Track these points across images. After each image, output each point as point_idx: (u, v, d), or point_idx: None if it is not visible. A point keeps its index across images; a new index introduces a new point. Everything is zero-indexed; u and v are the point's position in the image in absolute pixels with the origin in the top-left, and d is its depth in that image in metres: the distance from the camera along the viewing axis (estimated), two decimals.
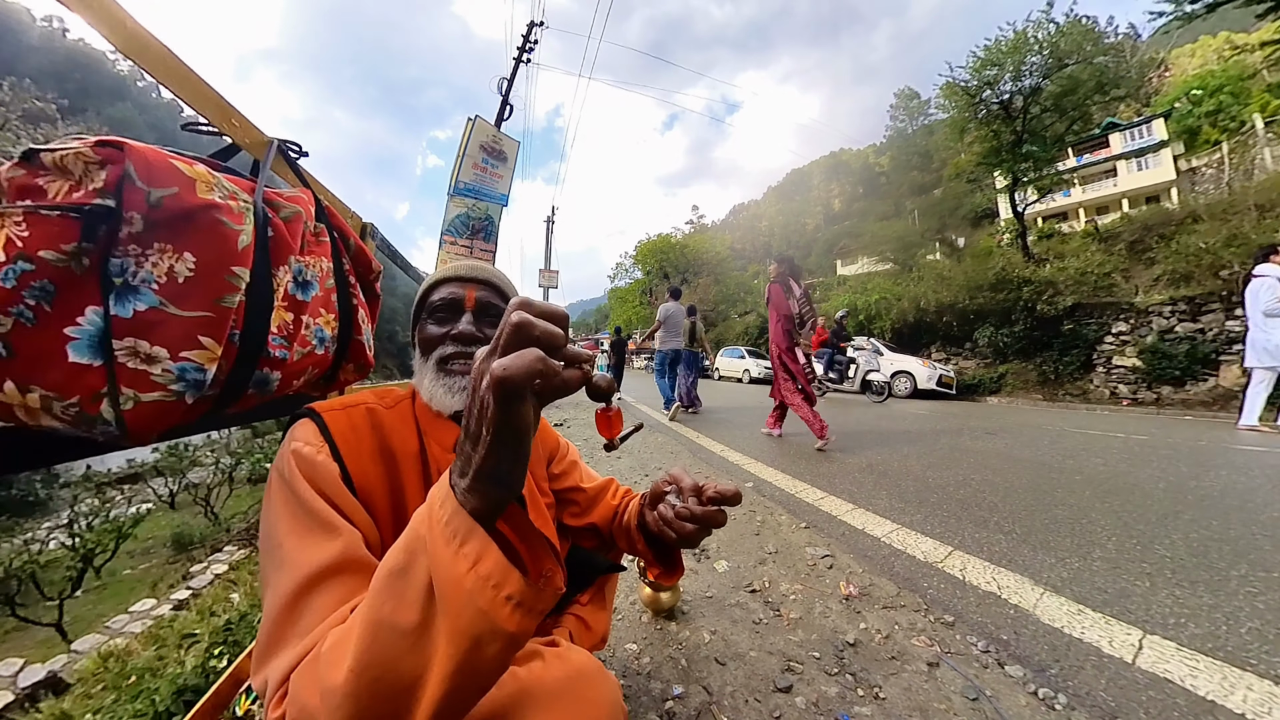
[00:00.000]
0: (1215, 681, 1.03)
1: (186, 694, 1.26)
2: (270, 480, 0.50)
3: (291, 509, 0.46)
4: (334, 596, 0.41)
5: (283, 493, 0.48)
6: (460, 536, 0.32)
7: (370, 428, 0.57)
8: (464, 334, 0.62)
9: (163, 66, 0.62)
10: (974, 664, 1.12)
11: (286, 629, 0.40)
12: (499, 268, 0.72)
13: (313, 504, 0.46)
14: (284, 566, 0.43)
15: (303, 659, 0.36)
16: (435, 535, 0.32)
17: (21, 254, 0.40)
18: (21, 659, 5.19)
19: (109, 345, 0.43)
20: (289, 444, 0.51)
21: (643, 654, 1.21)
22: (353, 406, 0.58)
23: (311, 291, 0.68)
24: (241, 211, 0.53)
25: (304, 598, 0.41)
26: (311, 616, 0.39)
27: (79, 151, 0.44)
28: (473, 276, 0.65)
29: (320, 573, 0.41)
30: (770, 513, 2.17)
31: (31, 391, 0.40)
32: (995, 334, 9.89)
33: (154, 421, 0.46)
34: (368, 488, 0.53)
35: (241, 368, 0.54)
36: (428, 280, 0.67)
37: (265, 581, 0.45)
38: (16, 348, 0.40)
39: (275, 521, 0.47)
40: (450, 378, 0.61)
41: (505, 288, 0.68)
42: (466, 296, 0.64)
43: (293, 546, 0.44)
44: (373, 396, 0.63)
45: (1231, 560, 1.59)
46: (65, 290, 0.42)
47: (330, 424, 0.54)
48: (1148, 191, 22.64)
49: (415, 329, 0.67)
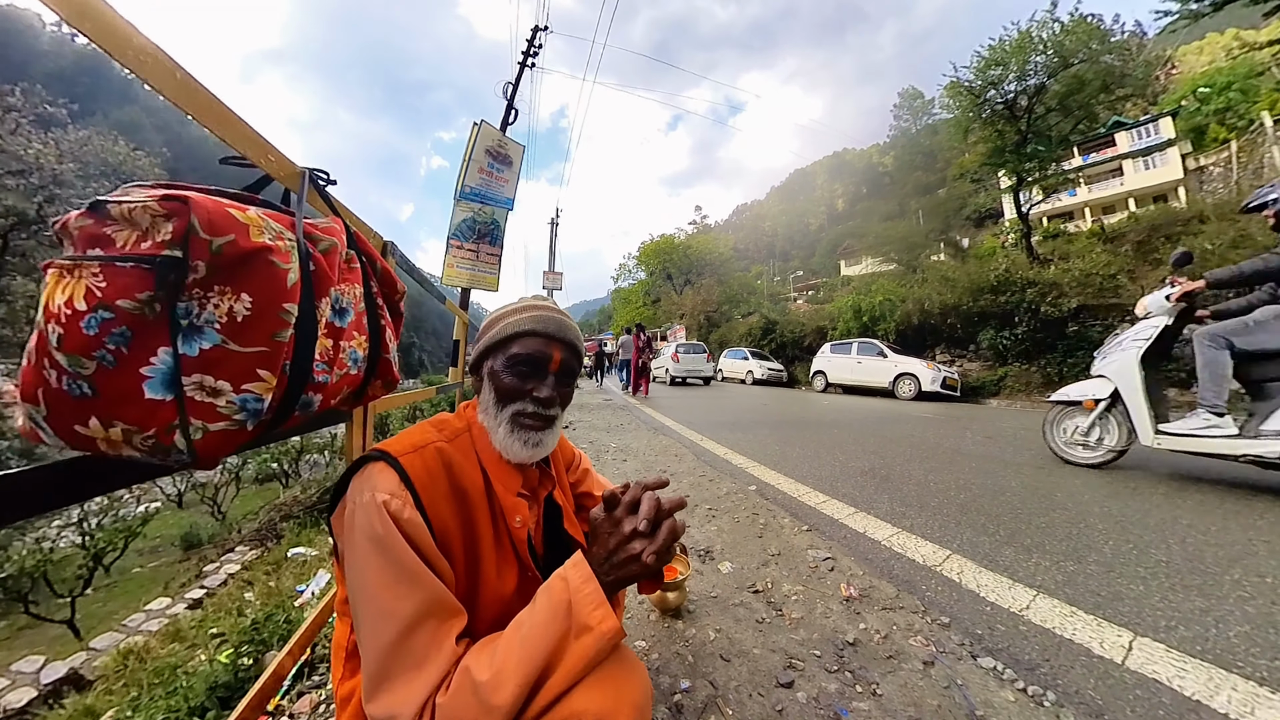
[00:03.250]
0: (1201, 682, 1.07)
1: (219, 690, 1.33)
2: (357, 526, 0.53)
3: (387, 562, 0.51)
4: (432, 636, 0.51)
5: (376, 546, 0.52)
6: (601, 607, 0.51)
7: (443, 468, 0.60)
8: (548, 400, 0.65)
9: (209, 112, 0.67)
10: (966, 662, 1.16)
11: (397, 665, 0.50)
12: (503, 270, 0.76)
13: (405, 558, 0.52)
14: (384, 615, 0.51)
15: (436, 687, 0.49)
16: (582, 601, 0.51)
17: (102, 303, 0.45)
18: (43, 656, 5.30)
19: (179, 382, 0.47)
20: (373, 494, 0.53)
21: (651, 650, 1.27)
22: (424, 448, 0.60)
23: (347, 318, 0.73)
24: (288, 250, 0.58)
25: (406, 640, 0.50)
26: (419, 653, 0.50)
27: (146, 205, 0.49)
28: (562, 337, 0.66)
29: (417, 618, 0.51)
30: (773, 516, 2.21)
31: (114, 426, 0.45)
32: (996, 336, 9.87)
33: (220, 448, 0.51)
34: (445, 530, 0.57)
35: (291, 394, 0.59)
36: (511, 323, 0.66)
37: (363, 623, 0.52)
38: (100, 388, 0.45)
39: (370, 572, 0.52)
40: (525, 433, 0.64)
41: (582, 348, 0.71)
42: (553, 359, 0.66)
43: (391, 596, 0.51)
44: (435, 432, 0.64)
45: (1226, 565, 1.63)
46: (140, 334, 0.46)
47: (409, 469, 0.56)
48: (1154, 191, 22.49)
49: (484, 364, 0.68)
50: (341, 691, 0.62)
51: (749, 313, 22.99)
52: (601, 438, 4.56)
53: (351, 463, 0.62)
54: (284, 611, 1.64)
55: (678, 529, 0.55)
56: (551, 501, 0.76)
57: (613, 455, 3.77)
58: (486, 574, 0.62)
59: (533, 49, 7.20)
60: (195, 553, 9.11)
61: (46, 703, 4.20)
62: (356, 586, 0.53)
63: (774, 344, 16.93)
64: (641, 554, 0.54)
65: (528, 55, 7.10)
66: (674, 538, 0.55)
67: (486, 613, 0.61)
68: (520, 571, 0.65)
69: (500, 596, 0.62)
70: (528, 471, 0.70)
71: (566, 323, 0.68)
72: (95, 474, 0.52)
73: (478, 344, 0.70)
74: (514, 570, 0.65)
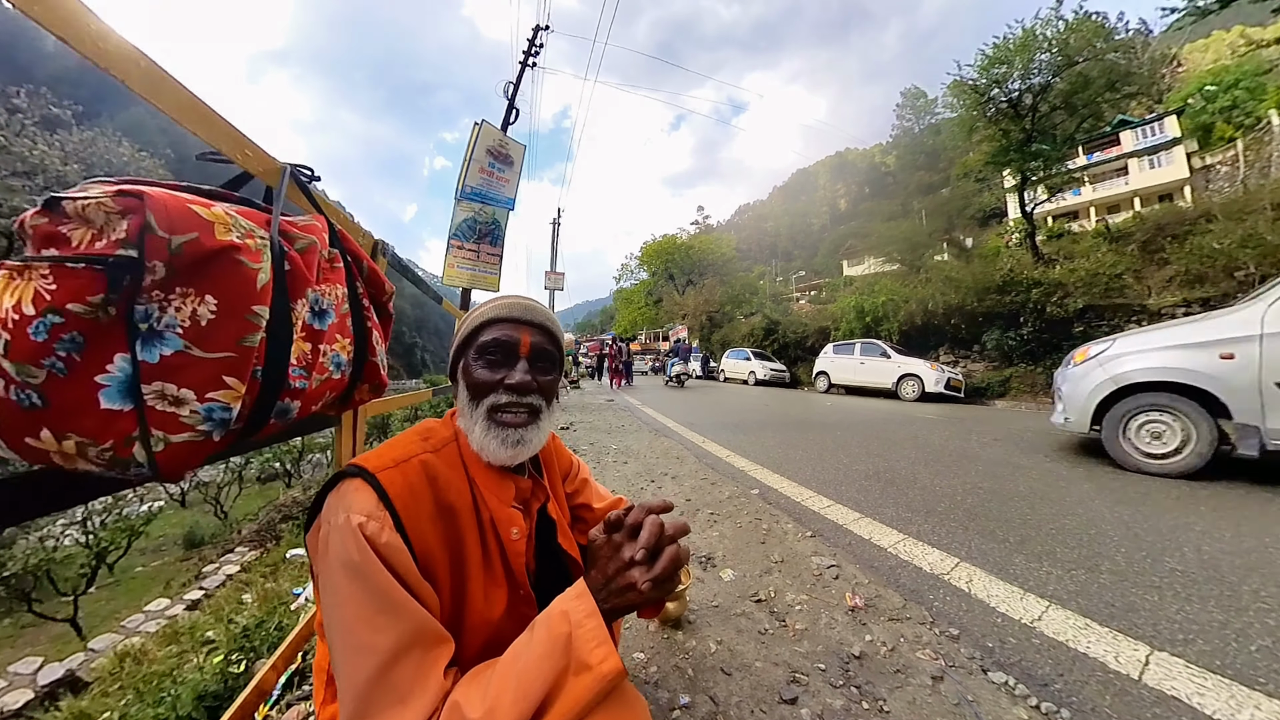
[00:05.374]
0: (1223, 700, 1.02)
1: (207, 699, 1.30)
2: (331, 551, 0.49)
3: (364, 591, 0.48)
4: (417, 667, 0.47)
5: (352, 574, 0.48)
6: (604, 645, 0.47)
7: (426, 484, 0.56)
8: (521, 385, 0.60)
9: (179, 104, 0.63)
10: (976, 677, 1.12)
11: (378, 702, 0.46)
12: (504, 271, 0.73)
13: (384, 586, 0.48)
14: (361, 650, 0.47)
15: None
16: (584, 637, 0.47)
17: (51, 307, 0.42)
18: (40, 657, 5.30)
19: (138, 390, 0.44)
20: (348, 516, 0.49)
21: (650, 663, 1.23)
22: (406, 462, 0.56)
23: (328, 320, 0.69)
24: (259, 249, 0.55)
25: (387, 675, 0.46)
26: (403, 688, 0.46)
27: (100, 201, 0.45)
28: (528, 319, 0.63)
29: (398, 650, 0.47)
30: (776, 521, 2.17)
31: (68, 439, 0.42)
32: (1001, 336, 9.79)
33: (184, 460, 0.48)
34: (427, 552, 0.53)
35: (264, 401, 0.56)
36: (476, 315, 0.64)
37: (339, 656, 0.48)
38: (50, 397, 0.41)
39: (347, 604, 0.48)
40: (503, 430, 0.60)
41: (556, 330, 0.66)
42: (521, 341, 0.62)
43: (369, 629, 0.47)
44: (419, 442, 0.60)
45: (1243, 574, 1.58)
46: (94, 339, 0.43)
47: (389, 487, 0.52)
48: (1160, 190, 22.31)
49: (458, 363, 0.65)
50: (324, 715, 0.59)
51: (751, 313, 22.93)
52: (603, 439, 4.53)
53: (328, 478, 0.58)
54: (276, 617, 1.61)
55: (681, 557, 0.52)
56: (544, 515, 0.72)
57: (614, 458, 3.73)
58: (473, 597, 0.58)
59: (534, 48, 7.18)
60: (196, 552, 9.13)
61: (43, 704, 4.20)
62: (332, 618, 0.49)
63: (776, 344, 16.88)
64: (639, 583, 0.50)
65: (529, 55, 7.08)
66: (676, 566, 0.51)
67: (474, 638, 0.57)
68: (511, 590, 0.62)
69: (489, 619, 0.59)
70: (519, 481, 0.66)
71: (534, 306, 0.65)
72: (52, 489, 0.49)
73: (452, 346, 0.67)
74: (503, 591, 0.61)
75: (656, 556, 0.51)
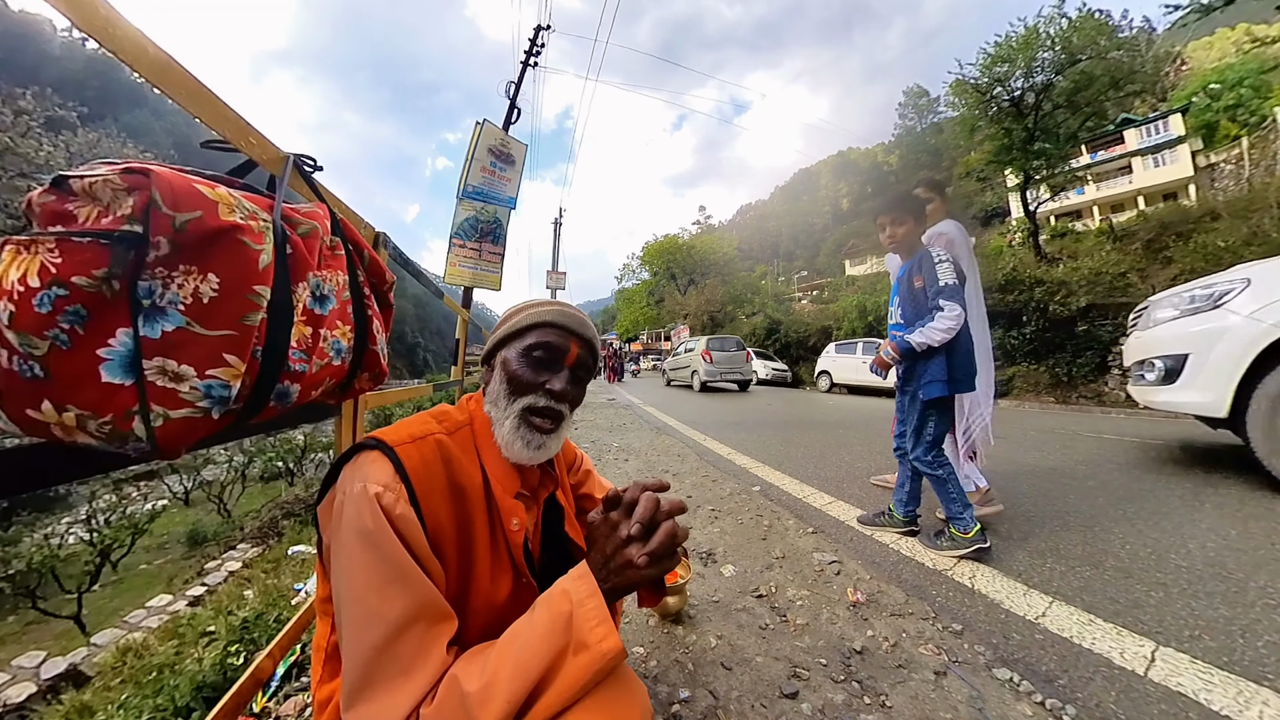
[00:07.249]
0: (1230, 696, 1.01)
1: (205, 690, 1.30)
2: (345, 519, 0.49)
3: (376, 560, 0.48)
4: (420, 641, 0.48)
5: (366, 542, 0.48)
6: (604, 625, 0.47)
7: (441, 463, 0.57)
8: (562, 393, 0.62)
9: (185, 90, 0.64)
10: (981, 673, 1.11)
11: (381, 672, 0.46)
12: (506, 270, 0.73)
13: (396, 556, 0.48)
14: (370, 618, 0.47)
15: (422, 698, 0.45)
16: (584, 616, 0.47)
17: (56, 279, 0.42)
18: (43, 651, 5.32)
19: (139, 365, 0.44)
20: (364, 485, 0.50)
21: (650, 657, 1.23)
22: (423, 439, 0.57)
23: (329, 305, 0.69)
24: (262, 231, 0.55)
25: (393, 645, 0.46)
26: (405, 660, 0.47)
27: (106, 178, 0.46)
28: (580, 332, 0.65)
29: (405, 622, 0.47)
30: (778, 517, 2.17)
31: (68, 411, 0.42)
32: (1004, 336, 9.75)
33: (182, 436, 0.47)
34: (439, 529, 0.54)
35: (263, 382, 0.55)
36: (532, 313, 0.65)
37: (346, 624, 0.48)
38: (52, 369, 0.41)
39: (357, 570, 0.48)
40: (531, 433, 0.61)
41: (598, 348, 0.69)
42: (570, 351, 0.64)
43: (379, 598, 0.47)
44: (435, 423, 0.61)
45: (1250, 570, 1.56)
46: (97, 313, 0.43)
47: (405, 461, 0.53)
48: (1164, 189, 22.21)
49: (498, 354, 0.66)
50: (320, 695, 0.59)
51: (753, 313, 22.92)
52: (604, 437, 4.53)
53: (344, 450, 0.58)
54: (276, 609, 1.61)
55: (677, 533, 0.52)
56: (553, 502, 0.73)
57: (614, 455, 3.73)
58: (480, 578, 0.58)
59: (535, 48, 7.19)
60: (199, 550, 9.16)
61: (45, 698, 4.22)
62: (342, 585, 0.49)
63: (778, 344, 16.87)
64: (636, 559, 0.50)
65: (530, 54, 7.09)
66: (672, 542, 0.51)
67: (477, 619, 0.57)
68: (515, 578, 0.62)
69: (492, 603, 0.59)
70: (528, 471, 0.67)
71: (587, 320, 0.67)
72: (50, 463, 0.48)
73: (494, 333, 0.68)
74: (508, 576, 0.61)
75: (652, 531, 0.52)
